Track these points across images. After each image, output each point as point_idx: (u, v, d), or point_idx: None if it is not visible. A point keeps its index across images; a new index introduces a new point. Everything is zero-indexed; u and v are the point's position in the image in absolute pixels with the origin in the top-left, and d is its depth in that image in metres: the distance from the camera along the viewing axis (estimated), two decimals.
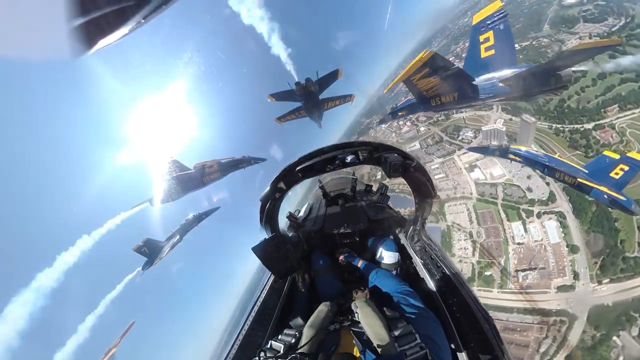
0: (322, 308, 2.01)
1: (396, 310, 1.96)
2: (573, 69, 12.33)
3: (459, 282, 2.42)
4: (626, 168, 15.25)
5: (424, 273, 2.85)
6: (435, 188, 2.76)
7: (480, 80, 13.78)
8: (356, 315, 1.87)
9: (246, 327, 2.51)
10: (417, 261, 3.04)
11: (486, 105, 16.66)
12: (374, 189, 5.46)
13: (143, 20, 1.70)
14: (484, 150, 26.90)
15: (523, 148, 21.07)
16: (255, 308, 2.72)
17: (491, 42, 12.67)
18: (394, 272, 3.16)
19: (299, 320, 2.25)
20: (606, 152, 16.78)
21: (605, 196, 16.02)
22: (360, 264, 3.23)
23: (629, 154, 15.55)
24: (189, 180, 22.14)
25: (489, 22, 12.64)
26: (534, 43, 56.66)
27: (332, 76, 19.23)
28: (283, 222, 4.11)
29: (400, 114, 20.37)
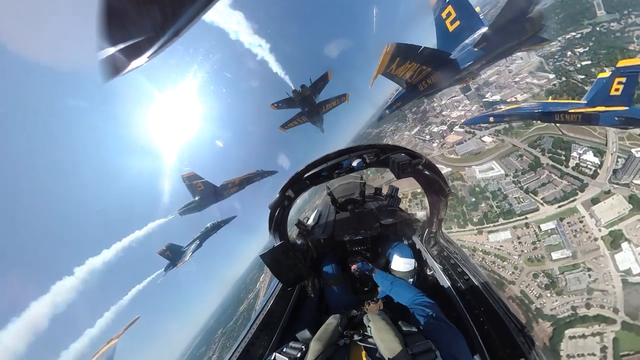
0: (331, 321, 1.89)
1: (413, 323, 1.78)
2: (541, 6, 11.82)
3: (485, 289, 2.18)
4: (623, 80, 13.82)
5: (444, 280, 2.63)
6: (448, 184, 2.60)
7: (455, 51, 14.14)
8: (368, 329, 1.74)
9: (250, 335, 2.40)
10: (436, 267, 2.82)
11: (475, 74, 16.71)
12: (384, 192, 5.23)
13: (160, 49, 1.97)
14: (478, 119, 24.26)
15: (513, 106, 19.79)
16: (261, 316, 2.61)
17: (453, 14, 13.31)
18: (411, 281, 2.91)
19: (306, 333, 2.14)
20: (600, 75, 15.28)
21: (616, 118, 14.38)
22: (373, 273, 2.99)
23: (617, 65, 14.04)
24: (213, 194, 24.90)
25: None
26: (599, 29, 49.56)
27: (323, 79, 20.62)
28: (292, 230, 4.00)
29: (395, 106, 20.77)
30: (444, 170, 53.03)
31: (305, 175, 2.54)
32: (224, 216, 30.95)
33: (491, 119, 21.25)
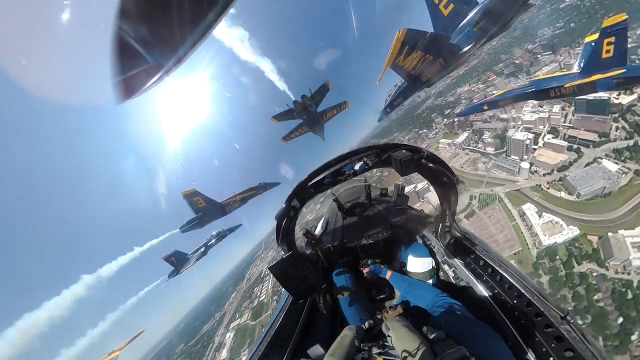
0: (346, 333, 1.76)
1: (439, 328, 1.58)
2: None
3: (515, 279, 1.96)
4: (612, 39, 13.25)
5: (466, 275, 2.50)
6: (455, 173, 2.47)
7: (455, 34, 14.07)
8: (388, 339, 1.59)
9: (259, 353, 2.29)
10: (456, 263, 2.71)
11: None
12: (390, 191, 5.17)
13: (166, 75, 2.27)
14: (472, 109, 23.26)
15: (506, 89, 19.20)
16: (271, 332, 2.48)
17: None
18: (430, 281, 2.77)
19: (318, 349, 2.04)
20: (587, 39, 14.86)
21: (614, 80, 13.66)
22: (388, 276, 2.84)
23: (602, 25, 13.36)
24: (214, 211, 25.10)
25: None
26: None
27: (324, 88, 20.78)
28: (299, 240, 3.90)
29: (396, 103, 20.33)
30: (561, 237, 31.39)
31: (309, 184, 2.54)
32: (228, 225, 31.07)
33: (485, 106, 20.44)
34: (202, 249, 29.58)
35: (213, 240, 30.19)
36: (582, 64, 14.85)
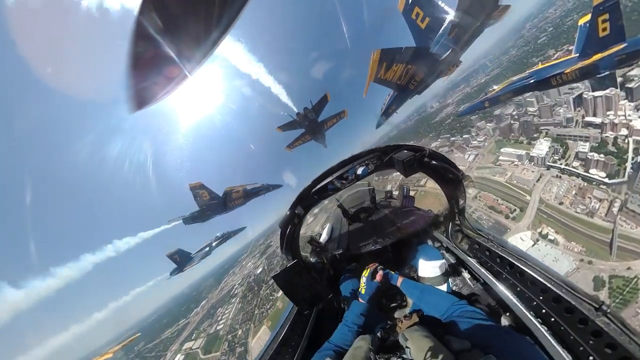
0: (360, 344, 1.61)
1: (461, 338, 1.42)
2: None
3: (539, 273, 1.80)
4: (606, 16, 12.75)
5: (484, 275, 2.34)
6: (459, 169, 2.41)
7: (433, 44, 14.96)
8: (407, 351, 1.44)
9: None
10: (471, 263, 2.54)
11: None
12: (395, 194, 5.12)
13: (175, 88, 2.54)
14: (473, 107, 22.98)
15: (506, 83, 19.04)
16: (274, 344, 2.34)
17: (422, 14, 14.30)
18: (444, 286, 2.60)
19: None
20: (580, 21, 14.44)
21: (615, 58, 13.15)
22: (399, 283, 2.65)
23: (594, 4, 12.70)
24: (217, 206, 25.41)
25: (410, 1, 14.44)
26: None
27: (323, 100, 22.50)
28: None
29: (390, 110, 20.89)
30: None
31: (313, 191, 2.54)
32: (230, 224, 31.80)
33: (487, 103, 20.10)
34: (207, 249, 30.50)
35: (217, 242, 31.11)
36: (580, 47, 14.42)
